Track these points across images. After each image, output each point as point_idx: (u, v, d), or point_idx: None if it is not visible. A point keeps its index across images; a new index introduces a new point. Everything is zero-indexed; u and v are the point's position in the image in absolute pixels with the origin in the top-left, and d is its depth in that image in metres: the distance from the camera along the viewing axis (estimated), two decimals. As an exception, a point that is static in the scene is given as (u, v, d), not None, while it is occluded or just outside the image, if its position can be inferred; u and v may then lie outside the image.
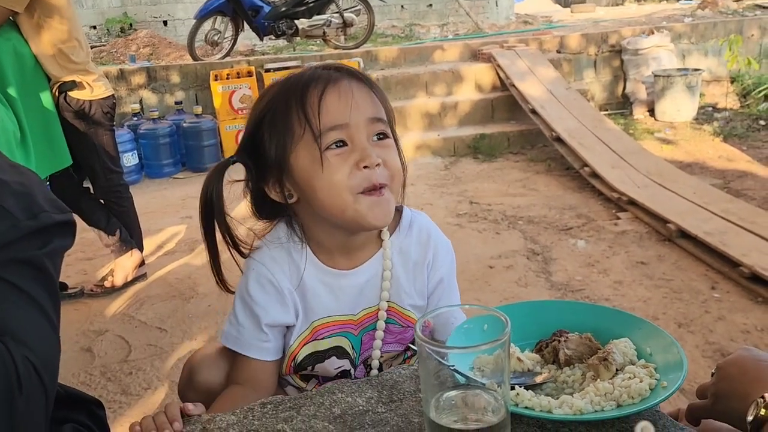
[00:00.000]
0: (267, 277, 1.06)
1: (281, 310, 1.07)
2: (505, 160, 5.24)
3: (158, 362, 2.57)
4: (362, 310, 1.09)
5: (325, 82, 0.98)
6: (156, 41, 7.91)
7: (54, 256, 0.86)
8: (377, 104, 1.01)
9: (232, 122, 5.55)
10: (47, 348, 0.83)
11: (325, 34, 6.64)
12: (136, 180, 5.14)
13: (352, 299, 1.08)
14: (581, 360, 0.90)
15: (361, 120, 0.98)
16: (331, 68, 1.02)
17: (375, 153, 0.97)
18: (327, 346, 1.09)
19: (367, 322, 1.10)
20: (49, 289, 0.84)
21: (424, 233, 1.13)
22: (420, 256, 1.12)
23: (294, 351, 1.09)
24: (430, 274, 1.13)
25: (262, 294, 1.06)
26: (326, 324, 1.08)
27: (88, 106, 2.90)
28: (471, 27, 8.77)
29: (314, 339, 1.09)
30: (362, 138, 0.97)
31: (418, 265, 1.12)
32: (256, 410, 0.92)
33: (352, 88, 0.99)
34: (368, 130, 0.98)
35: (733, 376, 0.82)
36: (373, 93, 1.02)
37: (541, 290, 3.04)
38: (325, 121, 0.97)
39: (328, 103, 0.97)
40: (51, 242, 0.84)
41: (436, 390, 0.74)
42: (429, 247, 1.12)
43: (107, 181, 3.09)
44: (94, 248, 3.63)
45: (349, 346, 1.10)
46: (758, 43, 6.80)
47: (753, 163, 4.74)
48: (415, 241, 1.12)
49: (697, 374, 2.36)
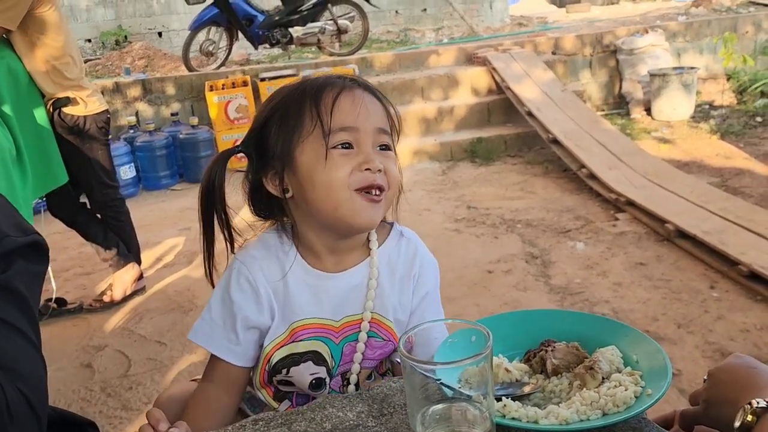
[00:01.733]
0: (245, 276, 1.08)
1: (255, 310, 1.08)
2: (502, 164, 5.25)
3: (158, 376, 2.58)
4: (345, 317, 1.09)
5: (341, 87, 1.04)
6: (151, 53, 7.94)
7: (24, 277, 0.85)
8: (385, 117, 1.06)
9: (228, 132, 5.56)
10: (34, 372, 0.83)
11: (319, 41, 6.66)
12: (133, 193, 5.16)
13: (335, 304, 1.09)
14: (569, 369, 0.90)
15: (370, 127, 1.02)
16: (347, 78, 1.07)
17: (379, 159, 1.02)
18: (304, 349, 1.08)
19: (349, 331, 1.09)
20: (24, 309, 0.84)
21: (411, 248, 1.15)
22: (406, 270, 1.13)
23: (269, 352, 1.08)
24: (416, 289, 1.13)
25: (239, 293, 1.08)
26: (306, 326, 1.08)
27: (83, 121, 2.90)
28: (466, 30, 8.79)
29: (292, 341, 1.08)
30: (368, 144, 1.02)
31: (404, 279, 1.12)
32: (248, 427, 0.92)
33: (364, 96, 1.04)
34: (374, 138, 1.03)
35: (724, 383, 0.83)
36: (384, 107, 1.07)
37: (540, 294, 3.04)
38: (337, 120, 1.01)
39: (341, 105, 1.02)
40: (14, 263, 0.84)
41: (422, 404, 0.74)
42: (415, 262, 1.13)
43: (103, 196, 3.09)
44: (92, 263, 3.64)
45: (328, 353, 1.09)
46: (753, 40, 6.81)
47: (750, 160, 4.74)
48: (402, 254, 1.14)
49: (697, 375, 2.36)
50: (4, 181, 2.29)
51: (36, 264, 0.89)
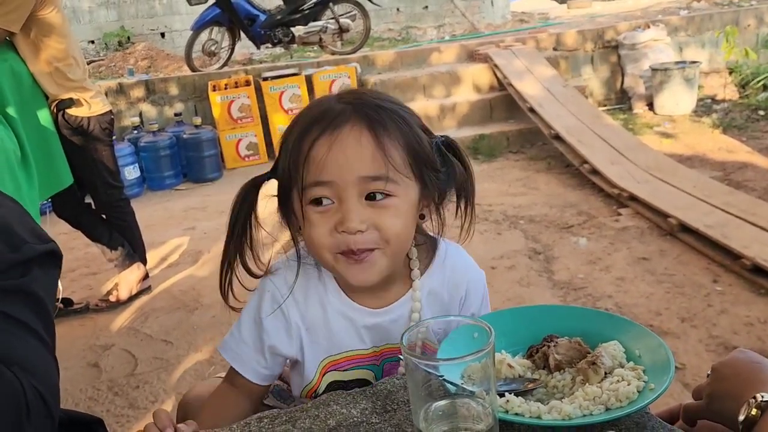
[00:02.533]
0: (278, 301, 1.01)
1: (286, 341, 1.03)
2: (504, 160, 5.25)
3: (165, 375, 2.59)
4: (385, 344, 1.05)
5: (324, 127, 0.89)
6: (154, 54, 7.95)
7: (41, 282, 0.87)
8: (380, 158, 0.88)
9: (231, 132, 5.58)
10: (49, 374, 0.85)
11: (321, 40, 6.66)
12: (138, 193, 5.17)
13: (376, 339, 1.04)
14: (571, 364, 0.91)
15: (351, 179, 0.88)
16: (351, 102, 0.92)
17: (361, 217, 0.89)
18: (349, 378, 1.05)
19: (389, 354, 1.05)
20: (41, 313, 0.86)
21: (458, 272, 1.06)
22: (451, 297, 1.06)
23: (315, 384, 1.06)
24: (462, 312, 1.08)
25: (271, 321, 1.02)
26: (347, 358, 1.05)
27: (87, 122, 2.92)
28: (467, 27, 8.79)
29: (336, 369, 1.05)
30: (350, 197, 0.89)
31: (450, 305, 1.06)
32: (253, 425, 0.93)
33: (350, 137, 0.88)
34: (360, 188, 0.89)
35: (728, 377, 0.83)
36: (385, 141, 0.89)
37: (543, 290, 3.04)
38: (311, 173, 0.89)
39: (316, 155, 0.89)
40: (32, 270, 0.85)
41: (425, 401, 0.75)
42: (461, 287, 1.06)
43: (108, 197, 3.11)
44: (98, 263, 3.65)
45: (372, 377, 1.07)
46: (755, 33, 6.79)
47: (753, 153, 4.74)
48: (447, 280, 1.05)
49: (701, 369, 2.36)
50: (11, 183, 2.31)
51: (51, 271, 0.90)
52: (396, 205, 0.91)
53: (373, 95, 0.96)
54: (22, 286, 0.83)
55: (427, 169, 0.94)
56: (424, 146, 0.93)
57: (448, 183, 0.98)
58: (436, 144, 0.97)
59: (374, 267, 0.93)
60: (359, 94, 0.97)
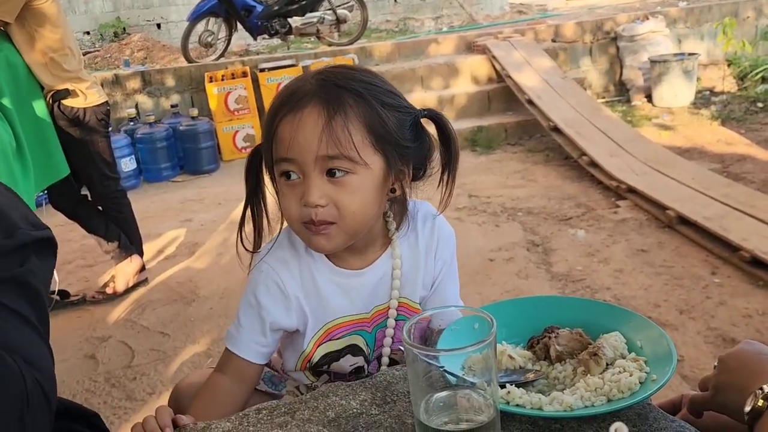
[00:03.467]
0: (274, 279, 1.06)
1: (285, 315, 1.07)
2: (503, 152, 5.24)
3: (162, 367, 2.58)
4: (374, 308, 1.10)
5: (289, 108, 0.95)
6: (150, 45, 7.92)
7: (38, 272, 0.86)
8: (336, 138, 0.93)
9: (228, 123, 5.56)
10: (46, 364, 0.84)
11: (318, 31, 6.63)
12: (134, 185, 5.15)
13: (365, 298, 1.09)
14: (572, 356, 0.90)
15: (311, 158, 0.94)
16: (321, 82, 0.97)
17: (320, 192, 0.94)
18: (342, 345, 1.10)
19: (380, 318, 1.11)
20: (36, 304, 0.85)
21: (428, 225, 1.13)
22: (427, 249, 1.12)
23: (309, 354, 1.10)
24: (436, 263, 1.13)
25: (267, 297, 1.06)
26: (340, 324, 1.09)
27: (83, 113, 2.90)
28: (465, 19, 8.76)
29: (329, 339, 1.09)
30: (311, 173, 0.95)
31: (427, 259, 1.12)
32: (251, 416, 0.92)
33: (309, 119, 0.93)
34: (320, 166, 0.94)
35: (734, 369, 0.83)
36: (341, 122, 0.93)
37: (541, 282, 3.04)
38: (279, 151, 0.96)
39: (282, 133, 0.95)
40: (29, 259, 0.84)
41: (426, 392, 0.74)
42: (433, 239, 1.13)
43: (104, 188, 3.09)
44: (94, 255, 3.64)
45: (364, 343, 1.11)
46: (754, 25, 6.77)
47: (752, 146, 4.73)
48: (421, 234, 1.12)
49: (699, 360, 2.36)
50: (6, 174, 2.29)
51: (47, 259, 0.89)
52: (355, 183, 0.96)
53: (343, 75, 0.99)
54: (17, 276, 0.82)
55: (391, 147, 0.98)
56: (388, 124, 0.97)
57: (420, 157, 1.03)
58: (413, 119, 1.01)
59: (332, 240, 0.99)
60: (331, 73, 0.99)
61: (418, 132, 1.02)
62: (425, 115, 1.04)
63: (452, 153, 1.05)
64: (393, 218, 1.09)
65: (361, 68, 1.06)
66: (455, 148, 1.06)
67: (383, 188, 1.00)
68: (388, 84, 1.04)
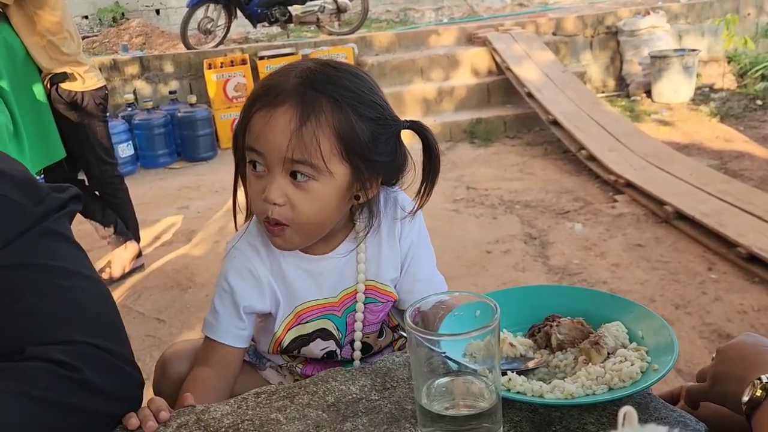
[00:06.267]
0: (246, 265, 1.07)
1: (258, 299, 1.08)
2: (501, 145, 5.23)
3: (157, 353, 2.57)
4: (341, 292, 1.10)
5: (265, 102, 0.94)
6: (149, 30, 7.87)
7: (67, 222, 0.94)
8: (303, 144, 0.92)
9: (227, 111, 5.53)
10: (109, 317, 0.92)
11: (318, 20, 6.60)
12: (131, 171, 5.13)
13: (332, 282, 1.09)
14: (573, 344, 0.90)
15: (277, 156, 0.94)
16: (301, 81, 0.95)
17: (280, 191, 0.95)
18: (311, 329, 1.10)
19: (348, 302, 1.11)
20: (78, 250, 0.92)
21: (390, 204, 1.12)
22: (389, 229, 1.11)
23: (279, 337, 1.11)
24: (402, 243, 1.12)
25: (240, 282, 1.07)
26: (309, 308, 1.10)
27: (81, 97, 2.88)
28: (466, 10, 8.73)
29: (298, 323, 1.10)
30: (275, 171, 0.95)
31: (390, 238, 1.11)
32: (250, 400, 0.92)
33: (282, 119, 0.92)
34: (285, 166, 0.94)
35: (732, 360, 0.83)
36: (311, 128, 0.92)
37: (538, 274, 3.04)
38: (249, 140, 0.97)
39: (254, 125, 0.96)
40: (63, 218, 0.91)
41: (428, 377, 0.74)
42: (396, 217, 1.12)
43: (101, 173, 3.07)
44: (90, 240, 3.62)
45: (334, 327, 1.12)
46: (755, 22, 6.76)
47: (750, 143, 4.74)
48: (383, 216, 1.11)
49: (693, 355, 2.37)
50: (2, 156, 2.27)
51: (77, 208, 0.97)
52: (316, 190, 0.96)
53: (326, 77, 0.96)
54: (60, 231, 0.88)
55: (360, 158, 0.97)
56: (360, 136, 0.96)
57: (391, 171, 1.04)
58: (391, 132, 1.00)
59: (287, 241, 1.01)
60: (314, 73, 0.96)
61: (394, 145, 1.02)
62: (407, 126, 1.03)
63: (433, 165, 1.06)
64: (359, 215, 1.08)
65: (350, 69, 1.01)
66: (436, 161, 1.06)
67: (345, 196, 1.00)
68: (376, 91, 1.01)
